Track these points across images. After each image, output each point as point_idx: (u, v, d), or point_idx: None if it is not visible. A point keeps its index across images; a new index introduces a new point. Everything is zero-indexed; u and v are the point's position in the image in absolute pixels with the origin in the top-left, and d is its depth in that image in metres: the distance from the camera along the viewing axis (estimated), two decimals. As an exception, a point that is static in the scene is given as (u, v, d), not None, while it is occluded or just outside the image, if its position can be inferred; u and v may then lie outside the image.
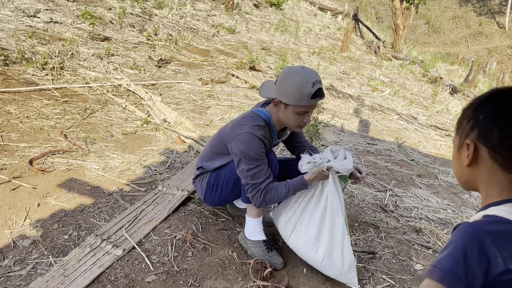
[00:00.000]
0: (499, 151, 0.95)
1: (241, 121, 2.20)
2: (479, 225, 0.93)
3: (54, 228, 2.47)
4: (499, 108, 0.96)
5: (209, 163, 2.44)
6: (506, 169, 0.95)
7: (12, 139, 3.38)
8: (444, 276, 0.88)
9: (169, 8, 10.21)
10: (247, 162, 2.14)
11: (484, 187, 1.01)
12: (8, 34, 5.44)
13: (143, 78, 5.74)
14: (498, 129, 0.94)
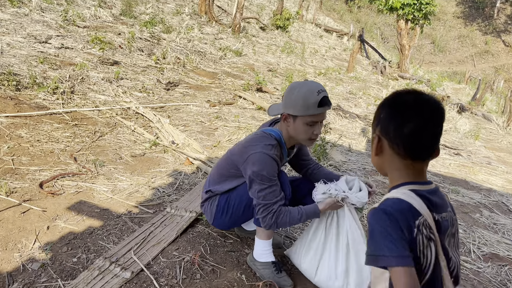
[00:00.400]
0: (395, 142, 1.17)
1: (252, 142, 2.19)
2: (383, 207, 1.14)
3: (63, 251, 2.47)
4: (393, 108, 1.19)
5: (217, 186, 2.43)
6: (402, 156, 1.17)
7: (23, 163, 3.42)
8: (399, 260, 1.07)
9: (177, 32, 10.41)
10: (260, 183, 2.13)
11: (388, 172, 1.24)
12: (20, 60, 5.57)
13: (151, 100, 5.81)
14: (393, 125, 1.16)
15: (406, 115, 1.15)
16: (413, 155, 1.17)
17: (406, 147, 1.16)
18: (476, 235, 3.57)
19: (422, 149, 1.17)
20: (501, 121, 10.53)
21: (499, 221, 3.99)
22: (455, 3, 39.51)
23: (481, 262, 3.12)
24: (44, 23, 7.77)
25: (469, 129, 8.89)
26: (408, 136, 1.14)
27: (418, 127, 1.13)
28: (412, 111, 1.14)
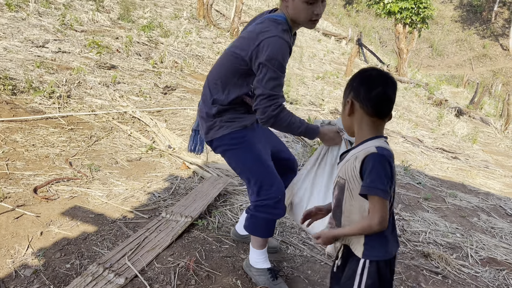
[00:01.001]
0: (365, 103, 1.48)
1: (263, 28, 1.99)
2: (381, 152, 1.43)
3: (56, 257, 2.45)
4: (363, 78, 1.52)
5: (222, 96, 2.17)
6: (370, 115, 1.49)
7: (18, 168, 3.40)
8: (385, 193, 1.40)
9: (175, 36, 10.41)
10: (272, 70, 1.96)
11: (358, 129, 1.54)
12: (16, 64, 5.55)
13: (148, 105, 5.80)
14: (363, 90, 1.49)
15: (372, 83, 1.48)
16: (378, 113, 1.49)
17: (373, 106, 1.48)
18: (474, 239, 3.56)
19: (384, 109, 1.50)
20: (499, 124, 10.53)
21: (496, 225, 3.98)
22: (453, 7, 39.65)
23: (479, 267, 3.10)
24: (42, 27, 7.76)
25: (467, 133, 8.88)
26: (374, 97, 1.47)
27: (381, 91, 1.47)
28: (377, 80, 1.49)
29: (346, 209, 1.53)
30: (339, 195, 1.55)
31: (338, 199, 1.55)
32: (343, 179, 1.52)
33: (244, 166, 2.26)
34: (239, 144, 2.23)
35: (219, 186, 3.53)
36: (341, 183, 1.53)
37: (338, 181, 1.56)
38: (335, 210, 1.59)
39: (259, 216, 2.26)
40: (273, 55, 1.95)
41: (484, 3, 37.94)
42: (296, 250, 2.91)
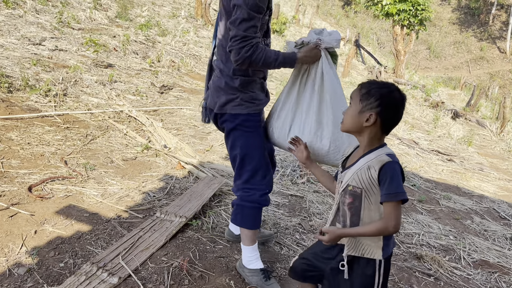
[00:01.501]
0: (387, 125, 1.60)
1: None
2: (394, 159, 1.54)
3: (50, 256, 2.45)
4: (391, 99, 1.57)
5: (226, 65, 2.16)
6: (384, 132, 1.61)
7: (13, 166, 3.40)
8: (405, 196, 1.49)
9: (173, 35, 10.40)
10: (247, 11, 1.90)
11: (369, 139, 1.61)
12: (13, 62, 5.54)
13: (145, 104, 5.80)
14: (389, 113, 1.58)
15: (398, 109, 1.59)
16: (390, 131, 1.65)
17: (391, 127, 1.62)
18: (467, 241, 3.58)
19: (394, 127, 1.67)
20: (495, 127, 10.58)
21: (490, 228, 4.01)
22: (450, 9, 39.78)
23: (471, 269, 3.12)
24: (39, 25, 7.74)
25: (463, 135, 8.92)
26: (396, 121, 1.61)
27: (401, 117, 1.61)
28: (401, 106, 1.59)
29: (365, 216, 1.60)
30: (355, 203, 1.61)
31: (356, 208, 1.61)
32: (359, 188, 1.58)
33: (248, 150, 2.23)
34: (251, 127, 2.21)
35: (214, 186, 3.53)
36: (357, 192, 1.59)
37: (352, 190, 1.60)
38: (351, 218, 1.64)
39: (246, 205, 2.29)
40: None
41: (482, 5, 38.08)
42: (290, 251, 2.93)
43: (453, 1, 40.42)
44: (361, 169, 1.57)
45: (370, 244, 1.62)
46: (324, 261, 1.78)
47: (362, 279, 1.65)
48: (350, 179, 1.60)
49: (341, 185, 1.66)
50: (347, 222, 1.65)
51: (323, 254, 1.79)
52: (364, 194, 1.57)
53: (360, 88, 1.60)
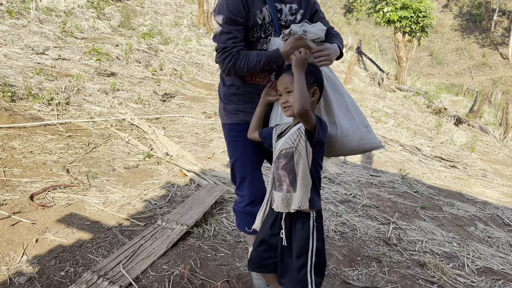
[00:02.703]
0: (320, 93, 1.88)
1: None
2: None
3: (51, 264, 2.45)
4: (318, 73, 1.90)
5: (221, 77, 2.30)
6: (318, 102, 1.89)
7: (15, 174, 3.41)
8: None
9: (175, 43, 10.47)
10: (223, 25, 2.01)
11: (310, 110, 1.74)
12: (16, 71, 5.59)
13: (147, 112, 5.82)
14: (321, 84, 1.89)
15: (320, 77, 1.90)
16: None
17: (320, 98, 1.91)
18: (471, 248, 3.55)
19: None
20: (498, 133, 10.54)
21: (494, 235, 3.97)
22: (452, 16, 39.86)
23: (475, 276, 3.09)
24: (42, 34, 7.81)
25: (466, 142, 8.89)
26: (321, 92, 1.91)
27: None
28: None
29: (300, 171, 1.78)
30: (290, 162, 1.79)
31: (290, 165, 1.79)
32: (291, 147, 1.78)
33: (236, 158, 2.33)
34: (235, 137, 2.29)
35: (215, 194, 3.53)
36: (289, 153, 1.79)
37: (285, 153, 1.80)
38: (288, 176, 1.81)
39: (238, 210, 2.36)
40: (219, 11, 2.03)
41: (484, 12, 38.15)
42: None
43: (454, 7, 40.53)
44: (293, 134, 1.79)
45: (302, 196, 1.78)
46: (274, 239, 1.89)
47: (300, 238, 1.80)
48: (283, 144, 1.81)
49: (275, 152, 1.85)
50: (283, 184, 1.82)
51: (271, 232, 1.90)
52: (295, 151, 1.77)
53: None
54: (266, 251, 1.92)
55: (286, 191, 1.82)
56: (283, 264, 1.88)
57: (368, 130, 2.05)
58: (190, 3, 17.14)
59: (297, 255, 1.80)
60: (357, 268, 2.89)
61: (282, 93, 1.85)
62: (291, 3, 2.13)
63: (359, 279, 2.76)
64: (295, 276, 1.81)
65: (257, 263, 1.97)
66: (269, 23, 2.13)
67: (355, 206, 4.02)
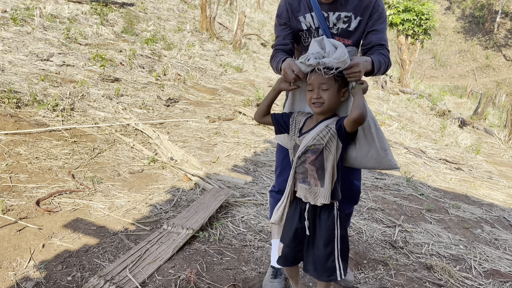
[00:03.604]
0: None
1: None
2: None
3: (57, 270, 2.45)
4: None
5: None
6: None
7: (21, 180, 3.42)
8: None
9: (178, 49, 10.50)
10: (275, 27, 2.30)
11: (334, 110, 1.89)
12: (21, 78, 5.62)
13: (151, 117, 5.84)
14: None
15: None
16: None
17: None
18: (477, 251, 3.53)
19: None
20: (503, 135, 10.50)
21: (500, 237, 3.95)
22: (455, 18, 39.84)
23: (482, 279, 3.07)
24: (46, 41, 7.86)
25: (470, 144, 8.86)
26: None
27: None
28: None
29: (329, 166, 1.84)
30: (318, 158, 1.84)
31: (319, 161, 1.85)
32: (321, 144, 1.83)
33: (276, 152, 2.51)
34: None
35: (220, 198, 3.53)
36: (319, 149, 1.83)
37: (314, 148, 1.84)
38: (317, 171, 1.86)
39: (270, 193, 2.52)
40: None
41: (486, 14, 38.10)
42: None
43: (457, 10, 40.52)
44: (321, 131, 1.83)
45: (329, 190, 1.85)
46: (302, 231, 1.95)
47: (328, 232, 1.88)
48: (310, 140, 1.84)
49: (301, 147, 1.87)
50: (309, 178, 1.88)
51: (300, 225, 1.95)
52: (325, 148, 1.83)
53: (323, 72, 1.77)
54: (298, 244, 1.98)
55: (314, 184, 1.87)
56: (307, 253, 1.96)
57: (386, 153, 1.96)
58: (193, 9, 17.22)
59: (325, 244, 1.88)
60: (364, 271, 2.88)
61: (315, 88, 1.83)
62: (341, 12, 2.08)
63: (366, 282, 2.75)
64: (323, 263, 1.89)
65: (291, 258, 2.01)
66: (316, 29, 2.14)
67: (360, 209, 4.00)
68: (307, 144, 1.86)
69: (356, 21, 2.10)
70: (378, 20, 2.12)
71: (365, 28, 2.13)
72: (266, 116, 2.07)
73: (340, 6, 2.07)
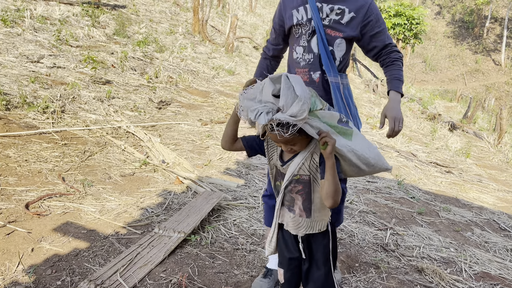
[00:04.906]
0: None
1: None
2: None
3: (47, 274, 2.42)
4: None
5: None
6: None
7: (10, 183, 3.38)
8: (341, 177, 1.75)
9: (170, 51, 10.48)
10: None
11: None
12: (11, 80, 5.56)
13: (143, 119, 5.81)
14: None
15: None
16: None
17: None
18: (468, 253, 3.55)
19: None
20: (492, 139, 10.61)
21: (490, 240, 3.98)
22: (445, 23, 40.25)
23: (473, 281, 3.09)
24: (37, 42, 7.79)
25: (460, 147, 8.94)
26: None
27: None
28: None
29: (316, 197, 1.75)
30: (305, 189, 1.74)
31: (307, 193, 1.75)
32: (307, 175, 1.71)
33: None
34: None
35: (212, 201, 3.52)
36: (305, 179, 1.72)
37: (300, 179, 1.73)
38: (303, 203, 1.77)
39: (261, 203, 2.70)
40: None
41: (476, 19, 38.54)
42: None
43: (447, 15, 40.94)
44: (305, 159, 1.69)
45: (323, 219, 1.79)
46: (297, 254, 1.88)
47: (324, 251, 1.83)
48: (296, 170, 1.71)
49: (286, 177, 1.75)
50: (295, 207, 1.79)
51: (294, 251, 1.89)
52: (312, 179, 1.72)
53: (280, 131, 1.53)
54: (297, 266, 1.91)
55: (299, 215, 1.80)
56: (307, 274, 1.90)
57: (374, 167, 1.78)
58: (185, 11, 17.19)
59: (324, 263, 1.84)
60: (355, 275, 2.88)
61: (281, 144, 1.67)
62: (335, 4, 2.13)
63: (357, 285, 2.75)
64: (323, 283, 1.85)
65: (294, 282, 1.94)
66: (308, 21, 2.19)
67: (352, 212, 4.01)
68: (292, 173, 1.73)
69: (349, 16, 2.14)
70: (377, 22, 2.19)
71: (363, 31, 2.18)
72: (235, 143, 1.88)
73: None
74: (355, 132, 1.75)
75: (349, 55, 2.31)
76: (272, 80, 1.56)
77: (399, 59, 2.24)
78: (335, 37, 2.16)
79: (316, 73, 2.23)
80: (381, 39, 2.22)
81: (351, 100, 2.29)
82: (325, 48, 2.15)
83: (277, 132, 1.51)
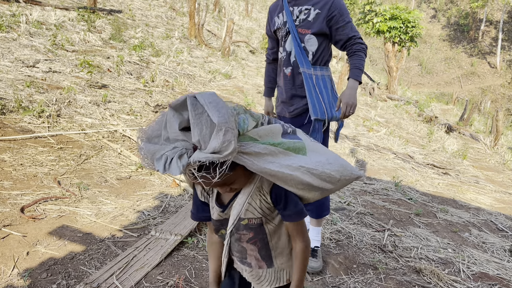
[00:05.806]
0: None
1: None
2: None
3: (42, 278, 2.40)
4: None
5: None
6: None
7: (5, 187, 3.35)
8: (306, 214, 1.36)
9: (167, 55, 10.48)
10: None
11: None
12: (6, 84, 5.54)
13: (139, 123, 5.79)
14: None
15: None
16: None
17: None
18: (466, 254, 3.55)
19: None
20: (489, 140, 10.64)
21: (488, 240, 3.98)
22: (440, 26, 40.47)
23: (471, 282, 3.08)
24: (33, 47, 7.77)
25: (457, 149, 8.95)
26: None
27: None
28: None
29: (275, 243, 1.38)
30: (259, 236, 1.35)
31: (261, 240, 1.36)
32: (258, 217, 1.31)
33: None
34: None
35: (209, 204, 3.50)
36: (255, 223, 1.32)
37: (249, 223, 1.32)
38: (259, 252, 1.39)
39: None
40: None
41: (471, 22, 38.77)
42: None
43: (442, 18, 41.18)
44: (251, 197, 1.29)
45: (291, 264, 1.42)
46: None
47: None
48: (242, 212, 1.30)
49: (230, 223, 1.33)
50: (249, 258, 1.41)
51: None
52: (266, 221, 1.33)
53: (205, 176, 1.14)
54: None
55: (257, 266, 1.42)
56: None
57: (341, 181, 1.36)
58: (181, 16, 17.22)
59: None
60: (353, 276, 2.87)
61: (217, 188, 1.31)
62: (302, 5, 2.49)
63: (355, 287, 2.74)
64: None
65: None
66: (284, 23, 2.56)
67: (349, 214, 4.00)
68: (238, 216, 1.31)
69: (315, 13, 2.45)
70: (341, 16, 2.46)
71: (329, 25, 2.47)
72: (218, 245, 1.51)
73: (303, 1, 2.49)
74: (307, 143, 1.31)
75: (325, 50, 2.56)
76: (176, 108, 1.11)
77: (361, 50, 2.51)
78: (305, 34, 2.49)
79: (288, 68, 2.58)
80: (345, 32, 2.48)
81: (325, 89, 2.53)
82: (298, 45, 2.49)
83: (202, 180, 1.11)
